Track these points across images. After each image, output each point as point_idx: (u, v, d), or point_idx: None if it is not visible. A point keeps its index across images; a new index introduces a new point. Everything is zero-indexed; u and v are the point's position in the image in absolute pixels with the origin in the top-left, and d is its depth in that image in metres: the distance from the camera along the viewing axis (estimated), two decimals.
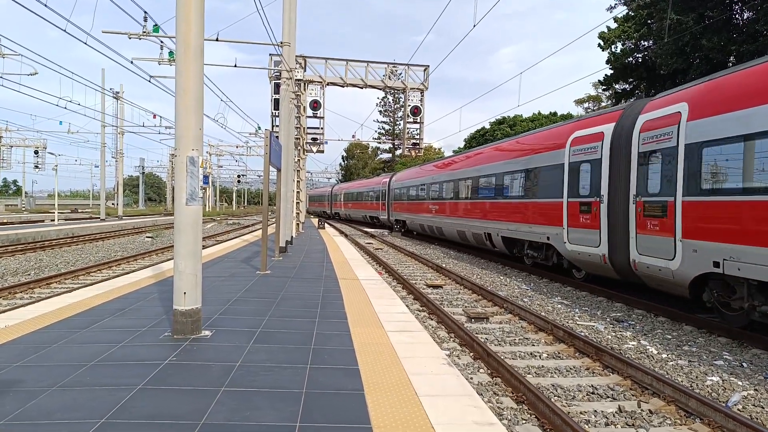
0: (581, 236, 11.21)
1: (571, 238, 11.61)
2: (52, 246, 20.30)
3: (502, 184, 15.85)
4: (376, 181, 39.57)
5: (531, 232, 13.69)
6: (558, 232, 12.15)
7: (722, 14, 20.83)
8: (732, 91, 7.50)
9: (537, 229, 13.31)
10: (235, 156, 66.15)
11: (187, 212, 5.48)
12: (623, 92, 29.20)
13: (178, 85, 5.43)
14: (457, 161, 22.11)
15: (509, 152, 16.05)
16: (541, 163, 13.33)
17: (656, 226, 8.84)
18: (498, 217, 16.02)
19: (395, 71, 22.92)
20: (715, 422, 4.78)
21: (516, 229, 14.71)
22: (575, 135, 11.71)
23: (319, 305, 7.40)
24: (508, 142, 17.66)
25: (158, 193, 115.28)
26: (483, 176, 17.55)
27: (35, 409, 3.57)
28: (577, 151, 11.49)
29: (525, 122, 46.40)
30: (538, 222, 13.30)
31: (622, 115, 10.41)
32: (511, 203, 15.04)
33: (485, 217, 17.15)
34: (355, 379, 4.31)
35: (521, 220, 14.35)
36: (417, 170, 29.10)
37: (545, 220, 12.86)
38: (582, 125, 11.80)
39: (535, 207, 13.54)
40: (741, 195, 7.13)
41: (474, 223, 18.17)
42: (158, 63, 16.31)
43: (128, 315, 6.48)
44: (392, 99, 73.85)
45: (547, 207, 12.80)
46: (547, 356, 7.04)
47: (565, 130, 12.53)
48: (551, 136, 13.38)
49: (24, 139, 50.28)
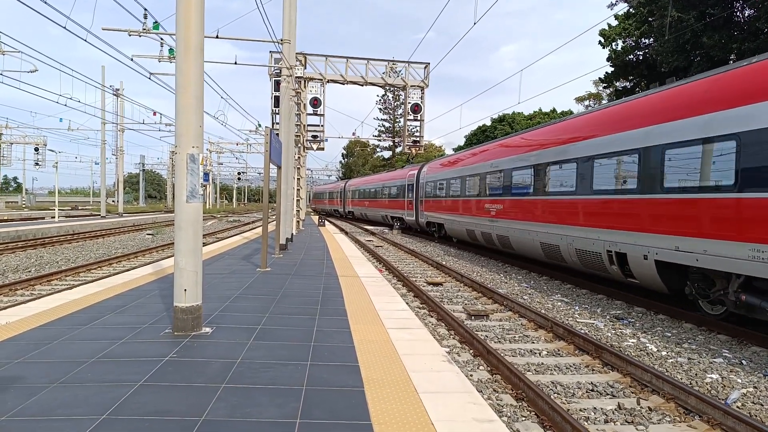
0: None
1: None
2: (53, 243, 20.31)
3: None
4: (401, 173, 31.31)
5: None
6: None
7: (723, 12, 20.79)
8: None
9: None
10: (235, 153, 66.15)
11: (187, 209, 5.49)
12: (624, 90, 29.17)
13: (178, 82, 5.43)
14: (551, 131, 13.44)
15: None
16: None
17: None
18: (656, 227, 8.77)
19: (395, 69, 22.88)
20: (715, 419, 4.79)
21: (711, 252, 7.60)
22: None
23: (320, 302, 7.41)
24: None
25: (158, 191, 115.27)
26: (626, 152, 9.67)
27: (36, 405, 3.58)
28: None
29: (525, 119, 46.40)
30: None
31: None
32: (709, 200, 7.72)
33: (608, 223, 10.09)
34: (355, 376, 4.32)
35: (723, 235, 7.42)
36: (463, 155, 21.16)
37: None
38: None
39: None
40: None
41: (580, 233, 11.02)
42: (158, 60, 16.29)
43: (129, 312, 6.49)
44: (392, 96, 73.82)
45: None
46: (547, 353, 7.05)
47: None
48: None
49: (24, 136, 50.31)
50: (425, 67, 23.13)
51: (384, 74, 22.71)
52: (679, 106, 8.53)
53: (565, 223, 11.79)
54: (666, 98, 9.03)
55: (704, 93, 8.07)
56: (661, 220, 8.65)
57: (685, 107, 8.36)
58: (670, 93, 9.06)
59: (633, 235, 9.34)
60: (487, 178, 16.80)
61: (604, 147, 10.42)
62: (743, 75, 7.52)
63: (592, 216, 10.82)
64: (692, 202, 8.02)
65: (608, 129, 10.44)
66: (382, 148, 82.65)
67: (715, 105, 7.68)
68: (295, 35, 16.18)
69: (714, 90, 7.90)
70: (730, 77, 7.75)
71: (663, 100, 9.09)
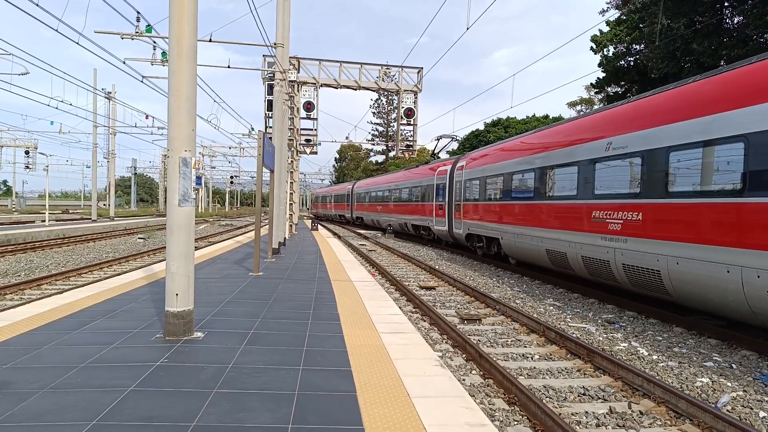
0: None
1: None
2: (43, 247, 20.13)
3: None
4: (427, 170, 24.28)
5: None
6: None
7: (712, 19, 21.06)
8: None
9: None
10: (228, 157, 65.85)
11: (179, 213, 5.47)
12: (615, 95, 29.43)
13: (170, 85, 5.41)
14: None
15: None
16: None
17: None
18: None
19: (389, 73, 22.96)
20: (705, 423, 4.82)
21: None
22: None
23: (312, 307, 7.40)
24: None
25: (150, 194, 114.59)
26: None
27: (25, 411, 3.54)
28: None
29: (519, 124, 46.64)
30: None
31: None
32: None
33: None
34: (348, 381, 4.32)
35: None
36: (529, 139, 14.29)
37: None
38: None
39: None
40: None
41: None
42: (151, 63, 16.23)
43: (120, 316, 6.45)
44: (386, 101, 73.96)
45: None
46: (539, 357, 7.08)
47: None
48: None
49: (15, 139, 49.90)
50: (418, 71, 23.23)
51: (377, 79, 22.78)
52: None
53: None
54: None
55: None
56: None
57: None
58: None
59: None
60: (597, 167, 10.23)
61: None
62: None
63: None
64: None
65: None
66: (375, 152, 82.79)
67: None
68: (289, 39, 16.19)
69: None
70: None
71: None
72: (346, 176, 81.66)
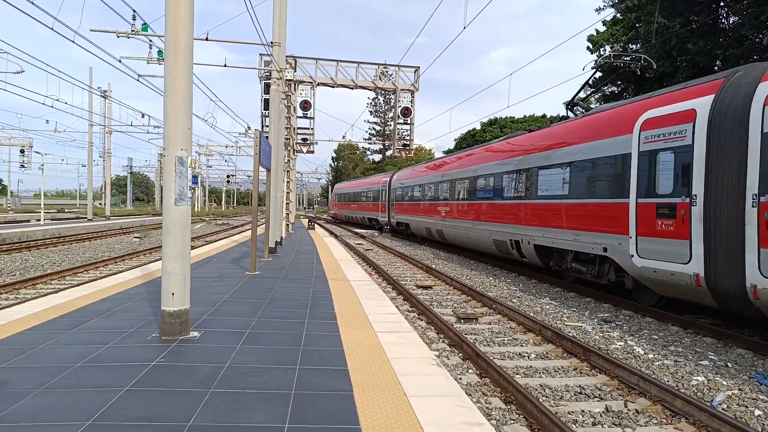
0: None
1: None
2: (38, 246, 20.04)
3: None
4: (509, 145, 16.21)
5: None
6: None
7: (708, 18, 21.12)
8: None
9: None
10: (224, 156, 65.85)
11: (175, 212, 5.45)
12: (612, 95, 29.46)
13: (166, 84, 5.39)
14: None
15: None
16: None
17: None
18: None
19: (386, 72, 22.97)
20: (701, 421, 4.84)
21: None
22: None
23: (309, 306, 7.39)
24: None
25: (146, 193, 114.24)
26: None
27: (20, 411, 3.52)
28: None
29: (516, 123, 46.70)
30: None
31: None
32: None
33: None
34: (345, 380, 4.31)
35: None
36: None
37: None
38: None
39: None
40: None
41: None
42: (147, 62, 16.14)
43: (115, 316, 6.42)
44: (383, 100, 73.96)
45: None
46: (536, 357, 7.09)
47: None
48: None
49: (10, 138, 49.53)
50: (415, 71, 23.23)
51: (374, 78, 22.77)
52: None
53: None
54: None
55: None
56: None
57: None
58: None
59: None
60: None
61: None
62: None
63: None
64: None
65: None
66: (372, 151, 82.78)
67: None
68: (285, 38, 16.15)
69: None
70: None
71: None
72: (343, 176, 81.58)
